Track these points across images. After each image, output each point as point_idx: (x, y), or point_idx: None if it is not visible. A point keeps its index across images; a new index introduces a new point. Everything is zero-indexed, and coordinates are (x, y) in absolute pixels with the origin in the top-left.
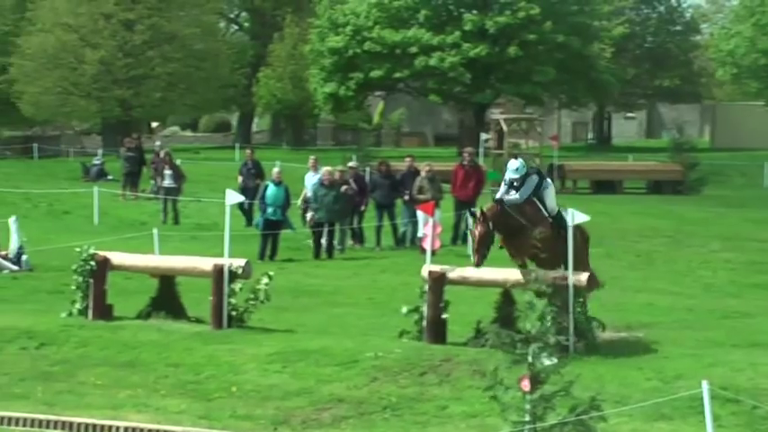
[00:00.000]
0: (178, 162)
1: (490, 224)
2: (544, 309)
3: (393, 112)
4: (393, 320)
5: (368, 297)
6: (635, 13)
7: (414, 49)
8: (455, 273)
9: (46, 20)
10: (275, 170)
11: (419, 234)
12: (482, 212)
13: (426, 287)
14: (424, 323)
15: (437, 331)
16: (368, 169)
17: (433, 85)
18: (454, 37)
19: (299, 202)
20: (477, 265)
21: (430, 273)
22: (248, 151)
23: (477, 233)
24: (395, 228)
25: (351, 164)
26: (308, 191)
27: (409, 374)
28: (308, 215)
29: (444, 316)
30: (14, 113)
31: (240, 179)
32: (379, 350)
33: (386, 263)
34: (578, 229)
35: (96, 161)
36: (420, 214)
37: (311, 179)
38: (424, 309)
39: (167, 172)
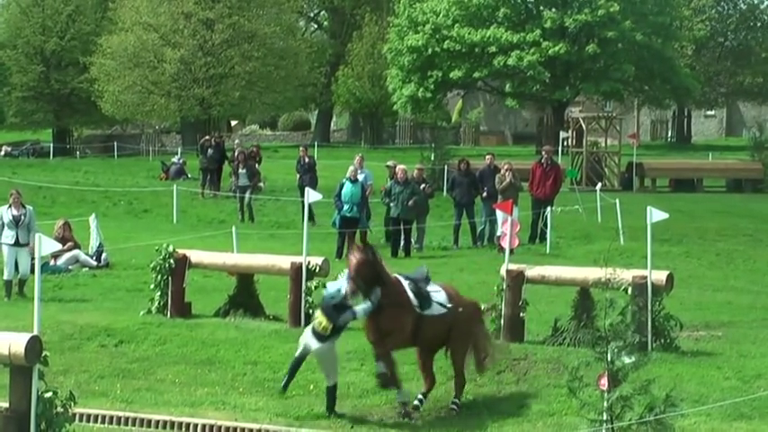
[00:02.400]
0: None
1: (371, 253)
2: (624, 308)
3: (472, 110)
4: None
5: None
6: (715, 12)
7: (493, 48)
8: (533, 271)
9: (126, 19)
10: (351, 168)
11: (498, 233)
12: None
13: (504, 285)
14: (502, 321)
15: (515, 330)
16: (446, 167)
17: (511, 88)
18: (534, 35)
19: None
20: (352, 294)
21: (508, 271)
22: (302, 149)
23: (354, 259)
24: (473, 226)
25: (389, 163)
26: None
27: (486, 373)
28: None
29: (522, 315)
30: (95, 112)
31: (298, 177)
32: None
33: (463, 261)
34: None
35: (175, 160)
36: (499, 212)
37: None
38: (502, 307)
39: (241, 171)
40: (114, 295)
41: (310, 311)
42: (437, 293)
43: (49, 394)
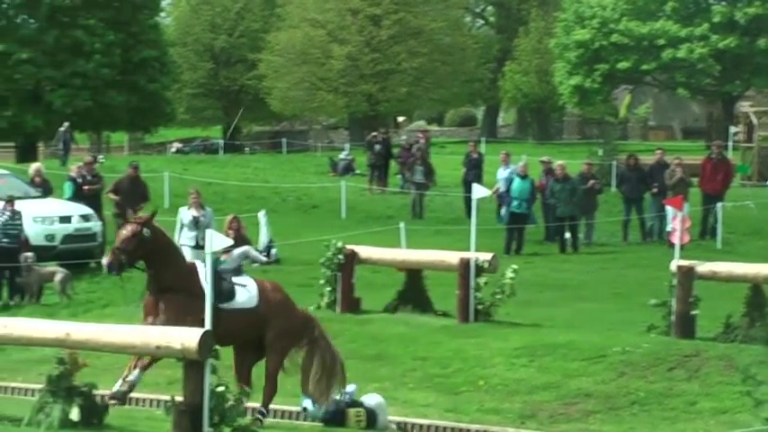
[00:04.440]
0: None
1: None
2: None
3: (640, 105)
4: (640, 315)
5: (614, 291)
6: None
7: (661, 41)
8: (704, 267)
9: (294, 16)
10: (521, 163)
11: (667, 228)
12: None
13: (675, 282)
14: (672, 318)
15: (686, 326)
16: (614, 162)
17: (681, 78)
18: (702, 29)
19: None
20: (109, 268)
21: (679, 267)
22: (471, 144)
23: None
24: (642, 222)
25: (544, 158)
26: (500, 185)
27: (657, 369)
28: (503, 210)
29: (694, 312)
30: (264, 109)
31: (464, 172)
32: (627, 345)
33: (633, 257)
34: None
35: (343, 156)
36: (669, 208)
37: (503, 173)
38: (673, 303)
39: (418, 168)
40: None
41: (479, 307)
42: (245, 287)
43: (221, 388)
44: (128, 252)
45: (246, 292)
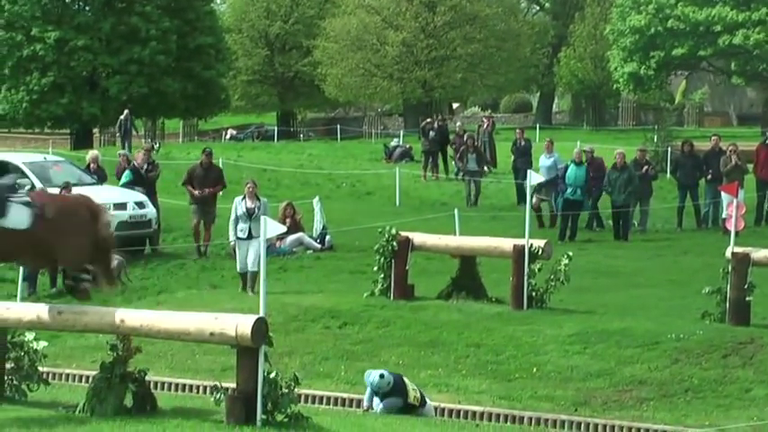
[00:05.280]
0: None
1: None
2: None
3: (695, 91)
4: (695, 302)
5: (668, 278)
6: None
7: (717, 27)
8: (760, 254)
9: (349, 2)
10: (576, 150)
11: (723, 215)
12: None
13: (730, 268)
14: (727, 305)
15: (740, 313)
16: (669, 148)
17: (737, 66)
18: (760, 14)
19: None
20: None
21: (734, 254)
22: (518, 131)
23: None
24: (697, 208)
25: (586, 148)
26: (542, 173)
27: (712, 356)
28: (534, 200)
29: (749, 299)
30: (318, 95)
31: (512, 159)
32: (681, 332)
33: (687, 244)
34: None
35: (395, 143)
36: (724, 194)
37: (545, 161)
38: (727, 290)
39: (471, 156)
40: (338, 277)
41: (533, 294)
42: (19, 206)
43: (273, 375)
44: None
45: (19, 213)
